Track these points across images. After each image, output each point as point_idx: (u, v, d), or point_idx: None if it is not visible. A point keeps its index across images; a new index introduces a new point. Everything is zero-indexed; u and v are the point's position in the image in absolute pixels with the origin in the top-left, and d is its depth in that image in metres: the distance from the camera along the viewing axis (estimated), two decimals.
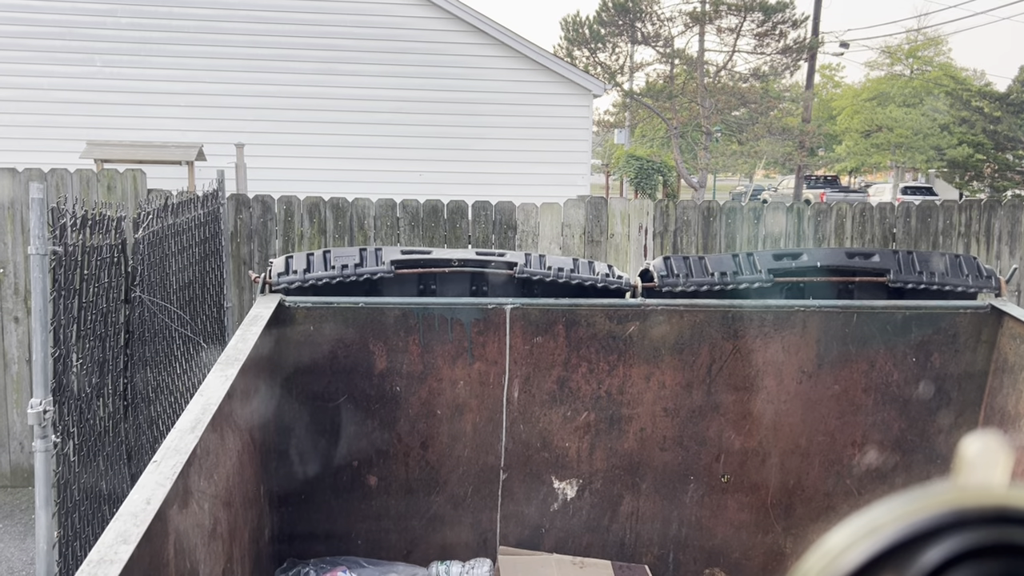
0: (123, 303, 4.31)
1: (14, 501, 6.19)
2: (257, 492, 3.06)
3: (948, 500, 0.40)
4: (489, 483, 3.64)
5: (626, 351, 3.58)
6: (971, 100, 27.95)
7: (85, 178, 6.47)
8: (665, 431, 3.66)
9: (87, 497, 3.90)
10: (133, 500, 1.79)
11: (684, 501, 3.72)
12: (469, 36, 11.54)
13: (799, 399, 3.67)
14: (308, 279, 3.53)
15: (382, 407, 3.56)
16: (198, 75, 10.89)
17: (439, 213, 6.91)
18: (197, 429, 2.16)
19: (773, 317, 3.61)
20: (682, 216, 7.16)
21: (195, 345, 5.41)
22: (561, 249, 6.95)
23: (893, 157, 31.98)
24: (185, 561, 2.01)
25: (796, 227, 7.23)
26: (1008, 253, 7.44)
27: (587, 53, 26.53)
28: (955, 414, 3.71)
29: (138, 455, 4.44)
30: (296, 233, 6.82)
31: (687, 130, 26.64)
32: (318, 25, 11.14)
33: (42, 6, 10.63)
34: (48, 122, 10.44)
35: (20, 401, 6.38)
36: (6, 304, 6.34)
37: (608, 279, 3.68)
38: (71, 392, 3.71)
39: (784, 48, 26.06)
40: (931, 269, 3.79)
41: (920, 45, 34.82)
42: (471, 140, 11.43)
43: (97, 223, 3.93)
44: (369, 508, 3.62)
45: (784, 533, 3.77)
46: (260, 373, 3.14)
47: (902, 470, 3.73)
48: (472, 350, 3.54)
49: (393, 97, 11.26)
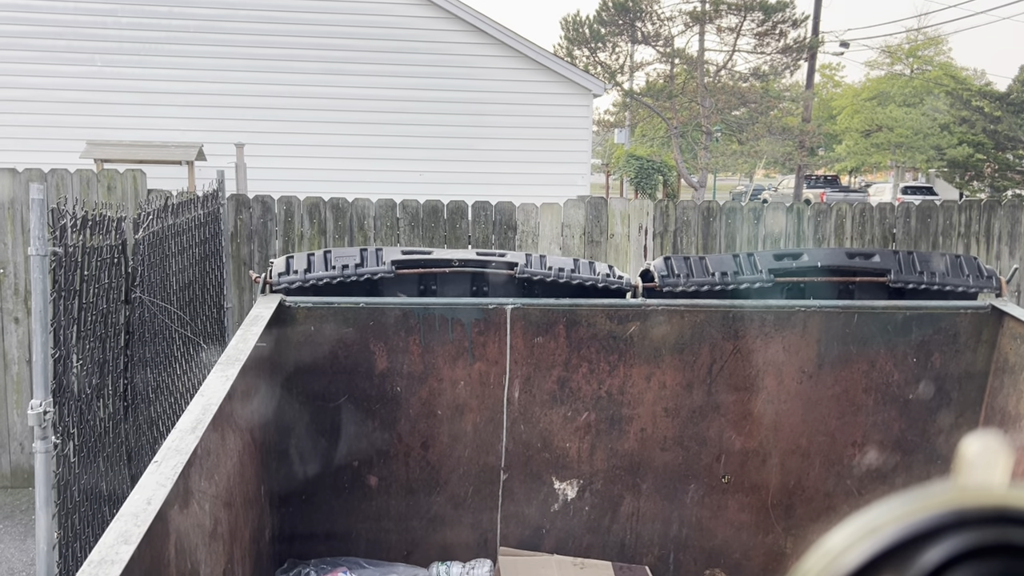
0: (123, 304, 4.31)
1: (14, 502, 6.19)
2: (258, 492, 3.06)
3: (948, 500, 0.40)
4: (489, 483, 3.64)
5: (627, 351, 3.58)
6: (971, 100, 27.95)
7: (85, 178, 6.47)
8: (666, 431, 3.66)
9: (87, 498, 3.90)
10: (134, 500, 1.79)
11: (685, 501, 3.72)
12: (469, 36, 11.54)
13: (799, 399, 3.67)
14: (309, 279, 3.53)
15: (383, 407, 3.56)
16: (198, 75, 10.90)
17: (439, 213, 6.91)
18: (198, 429, 2.16)
19: (774, 317, 3.60)
20: (682, 216, 7.16)
21: (195, 345, 5.41)
22: (561, 249, 6.95)
23: (893, 157, 31.98)
24: (186, 561, 2.01)
25: (796, 227, 7.23)
26: (1008, 253, 7.43)
27: (587, 53, 26.53)
28: (955, 414, 3.71)
29: (138, 456, 4.44)
30: (296, 233, 6.82)
31: (687, 130, 26.63)
32: (318, 25, 11.14)
33: (43, 6, 10.63)
34: (48, 122, 10.44)
35: (20, 402, 6.38)
36: (6, 305, 6.34)
37: (609, 279, 3.68)
38: (71, 393, 3.71)
39: (784, 48, 26.06)
40: (931, 269, 3.79)
41: (920, 45, 34.81)
42: (471, 140, 11.43)
43: (97, 224, 3.93)
44: (370, 508, 3.62)
45: (784, 533, 3.77)
46: (261, 373, 3.14)
47: (902, 470, 3.73)
48: (473, 350, 3.54)
49: (393, 97, 11.25)
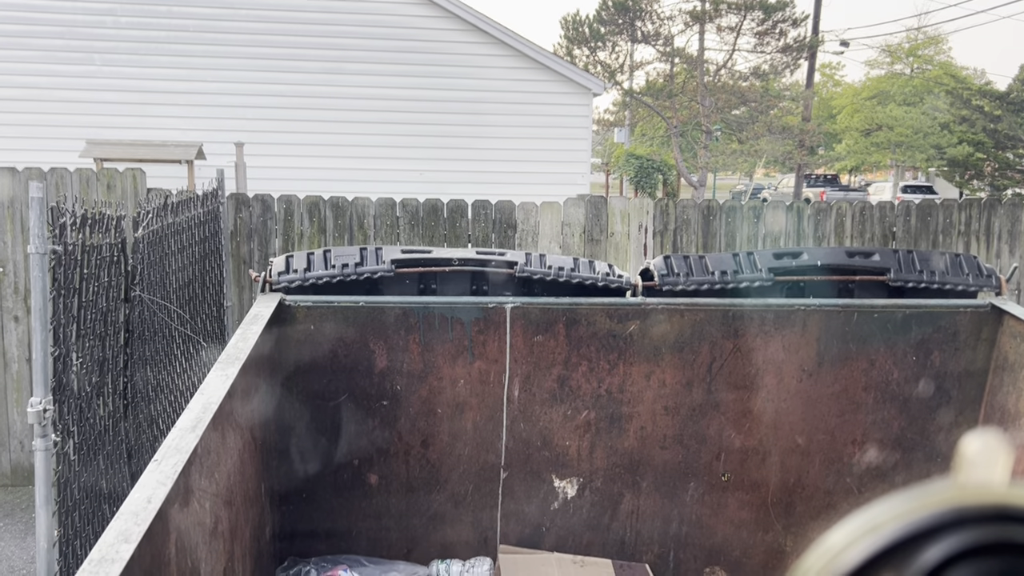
0: (123, 302, 4.31)
1: (14, 500, 6.19)
2: (258, 490, 3.06)
3: (948, 498, 0.40)
4: (489, 482, 3.64)
5: (626, 350, 3.58)
6: (971, 99, 27.93)
7: (85, 177, 6.47)
8: (665, 429, 3.66)
9: (87, 496, 3.90)
10: (134, 499, 1.79)
11: (684, 499, 3.72)
12: (469, 35, 11.53)
13: (799, 397, 3.67)
14: (308, 278, 3.53)
15: (383, 406, 3.56)
16: (198, 74, 10.89)
17: (439, 212, 6.91)
18: (198, 428, 2.16)
19: (773, 316, 3.61)
20: (682, 215, 7.16)
21: (195, 344, 5.41)
22: (561, 248, 6.95)
23: (893, 156, 31.97)
24: (186, 560, 2.01)
25: (796, 226, 7.23)
26: (1008, 252, 7.43)
27: (587, 52, 26.52)
28: (955, 412, 3.71)
29: (138, 454, 4.44)
30: (296, 232, 6.82)
31: (687, 129, 26.63)
32: (317, 24, 11.13)
33: (43, 5, 10.62)
34: (48, 121, 10.44)
35: (20, 400, 6.38)
36: (6, 303, 6.34)
37: (608, 278, 3.68)
38: (71, 391, 3.71)
39: (784, 47, 26.05)
40: (931, 268, 3.79)
41: (920, 44, 34.79)
42: (471, 139, 11.43)
43: (97, 222, 3.93)
44: (370, 506, 3.63)
45: (784, 531, 3.77)
46: (261, 372, 3.14)
47: (902, 468, 3.73)
48: (472, 349, 3.54)
49: (393, 96, 11.25)
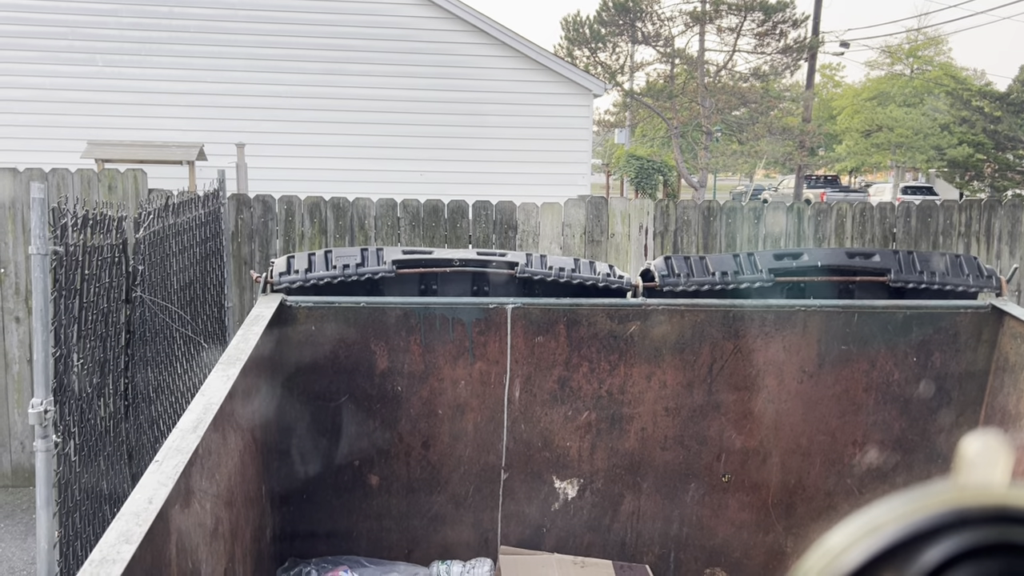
0: (124, 303, 4.31)
1: (15, 501, 6.19)
2: (259, 491, 3.06)
3: (949, 499, 0.41)
4: (490, 482, 3.64)
5: (627, 351, 3.58)
6: (971, 100, 27.92)
7: (86, 178, 6.47)
8: (666, 430, 3.66)
9: (88, 497, 3.90)
10: (135, 499, 1.79)
11: (685, 500, 3.72)
12: (470, 36, 11.54)
13: (800, 398, 3.67)
14: (310, 279, 3.54)
15: (383, 407, 3.56)
16: (199, 75, 10.90)
17: (440, 213, 6.91)
18: (199, 429, 2.16)
19: (774, 317, 3.60)
20: (682, 216, 7.16)
21: (196, 345, 5.41)
22: (562, 249, 6.95)
23: (893, 157, 31.97)
24: (187, 560, 2.01)
25: (796, 227, 7.23)
26: (1008, 253, 7.43)
27: (587, 53, 26.52)
28: (956, 413, 3.71)
29: (139, 455, 4.44)
30: (297, 233, 6.82)
31: (687, 130, 26.62)
32: (318, 25, 11.14)
33: (44, 6, 10.63)
34: (49, 122, 10.45)
35: (21, 401, 6.38)
36: (7, 304, 6.34)
37: (609, 279, 3.68)
38: (72, 392, 3.71)
39: (784, 48, 26.05)
40: (932, 269, 3.79)
41: (920, 45, 34.81)
42: (472, 140, 11.43)
43: (98, 223, 3.93)
44: (370, 507, 3.63)
45: (785, 532, 3.77)
46: (262, 373, 3.14)
47: (903, 469, 3.73)
48: (473, 350, 3.54)
49: (393, 97, 11.26)
